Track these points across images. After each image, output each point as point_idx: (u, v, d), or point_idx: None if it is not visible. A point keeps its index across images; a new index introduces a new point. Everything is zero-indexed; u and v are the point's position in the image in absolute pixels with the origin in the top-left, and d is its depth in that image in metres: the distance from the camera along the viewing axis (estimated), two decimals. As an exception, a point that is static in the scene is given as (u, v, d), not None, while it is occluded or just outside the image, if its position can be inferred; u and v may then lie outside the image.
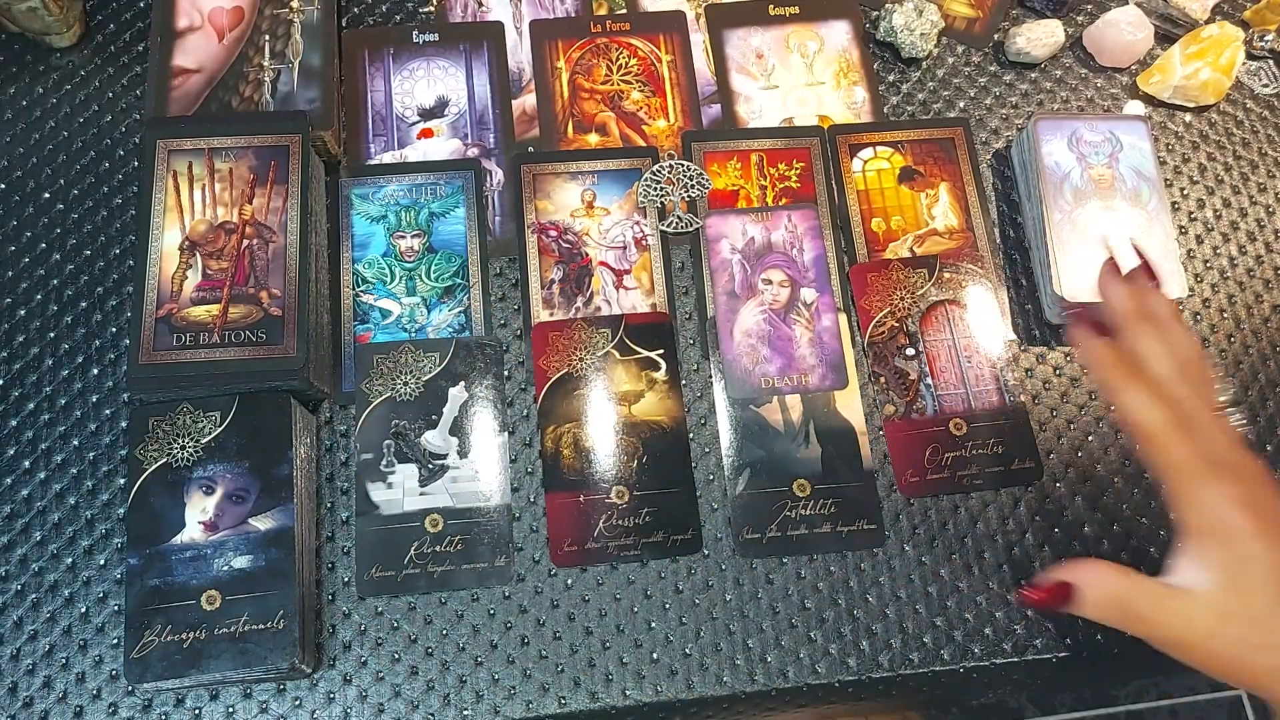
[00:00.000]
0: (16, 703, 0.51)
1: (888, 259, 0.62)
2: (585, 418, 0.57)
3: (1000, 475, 0.57)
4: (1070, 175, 0.63)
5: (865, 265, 0.62)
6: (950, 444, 0.58)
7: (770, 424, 0.58)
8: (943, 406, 0.59)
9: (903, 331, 0.60)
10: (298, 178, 0.57)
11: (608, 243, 0.62)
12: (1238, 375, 0.62)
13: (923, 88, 0.69)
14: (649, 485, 0.56)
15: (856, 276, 0.61)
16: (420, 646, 0.53)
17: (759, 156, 0.65)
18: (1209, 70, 0.67)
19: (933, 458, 0.57)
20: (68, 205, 0.61)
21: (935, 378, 0.59)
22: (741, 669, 0.53)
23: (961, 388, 0.59)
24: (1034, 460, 0.58)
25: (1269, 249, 0.65)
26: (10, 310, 0.59)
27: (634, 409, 0.57)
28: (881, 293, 0.61)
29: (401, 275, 0.60)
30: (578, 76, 0.67)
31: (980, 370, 0.59)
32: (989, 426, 0.58)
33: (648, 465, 0.56)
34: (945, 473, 0.57)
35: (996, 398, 0.59)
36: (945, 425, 0.58)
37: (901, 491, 0.57)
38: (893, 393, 0.59)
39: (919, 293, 0.61)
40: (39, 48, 0.65)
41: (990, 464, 0.57)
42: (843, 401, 0.58)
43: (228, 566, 0.51)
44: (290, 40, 0.64)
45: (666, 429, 0.57)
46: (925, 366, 0.59)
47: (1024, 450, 0.58)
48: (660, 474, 0.56)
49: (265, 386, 0.54)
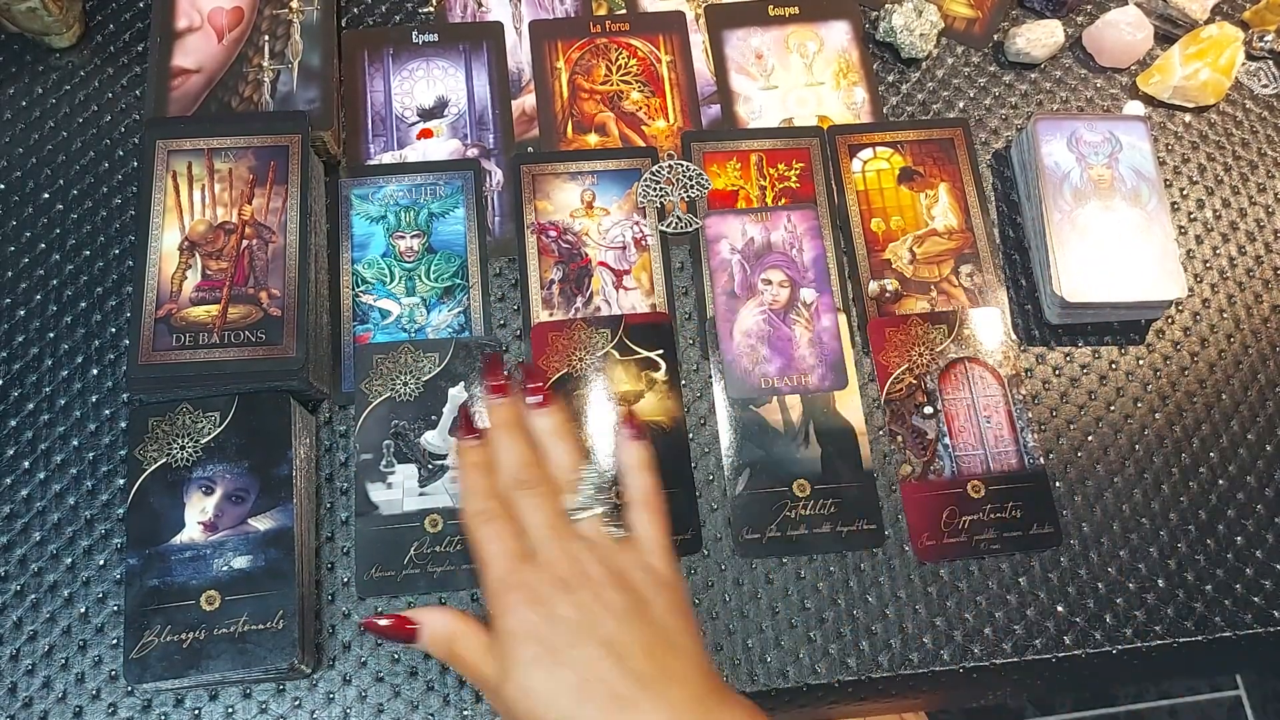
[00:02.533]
0: (16, 703, 0.51)
1: (906, 314, 0.61)
2: (585, 418, 0.57)
3: (1018, 540, 0.56)
4: (1070, 175, 0.63)
5: (883, 320, 0.60)
6: (968, 506, 0.57)
7: (770, 424, 0.58)
8: (961, 468, 0.57)
9: (920, 389, 0.59)
10: (297, 178, 0.57)
11: (607, 243, 0.62)
12: (1237, 375, 0.62)
13: (922, 88, 0.69)
14: (649, 485, 0.56)
15: (874, 331, 0.60)
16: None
17: (758, 157, 0.65)
18: (1208, 70, 0.67)
19: (950, 520, 0.56)
20: (67, 205, 0.61)
21: (954, 438, 0.58)
22: (741, 669, 0.53)
23: (980, 449, 0.58)
24: (1053, 525, 0.57)
25: (1268, 249, 0.65)
26: (10, 310, 0.59)
27: (634, 409, 0.57)
28: (900, 348, 0.60)
29: (401, 275, 0.60)
30: (577, 77, 0.67)
31: (1000, 431, 0.58)
32: (1007, 490, 0.57)
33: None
34: (962, 536, 0.56)
35: (1015, 460, 0.58)
36: (963, 487, 0.57)
37: (917, 556, 0.56)
38: (910, 452, 0.58)
39: (938, 349, 0.60)
40: (39, 48, 0.65)
41: (1008, 528, 0.56)
42: (842, 402, 0.58)
43: (227, 567, 0.50)
44: (290, 40, 0.64)
45: (666, 429, 0.57)
46: (944, 426, 0.58)
47: (1043, 514, 0.57)
48: (660, 474, 0.56)
49: (265, 387, 0.54)
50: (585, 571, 0.45)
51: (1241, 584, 0.56)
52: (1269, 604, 0.56)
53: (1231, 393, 0.61)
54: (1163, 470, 0.59)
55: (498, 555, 0.45)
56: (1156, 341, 0.62)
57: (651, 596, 0.45)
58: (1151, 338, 0.62)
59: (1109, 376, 0.61)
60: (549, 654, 0.42)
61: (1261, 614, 0.56)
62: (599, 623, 0.43)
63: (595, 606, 0.43)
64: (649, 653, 0.43)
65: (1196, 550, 0.57)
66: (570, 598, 0.43)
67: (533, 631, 0.43)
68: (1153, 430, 0.60)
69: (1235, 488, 0.59)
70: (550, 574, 0.44)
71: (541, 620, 0.43)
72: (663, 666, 0.43)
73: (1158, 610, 0.56)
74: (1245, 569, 0.57)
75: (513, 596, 0.44)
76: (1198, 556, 0.57)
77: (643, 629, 0.44)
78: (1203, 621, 0.56)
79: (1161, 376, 0.61)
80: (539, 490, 0.47)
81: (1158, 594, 0.56)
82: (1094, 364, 0.62)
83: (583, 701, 0.41)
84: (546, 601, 0.43)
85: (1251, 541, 0.58)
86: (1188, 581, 0.56)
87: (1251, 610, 0.56)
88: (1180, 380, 0.61)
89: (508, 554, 0.45)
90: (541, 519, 0.46)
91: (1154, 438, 0.60)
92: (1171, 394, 0.61)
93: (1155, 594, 0.56)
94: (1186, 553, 0.57)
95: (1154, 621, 0.56)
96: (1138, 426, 0.60)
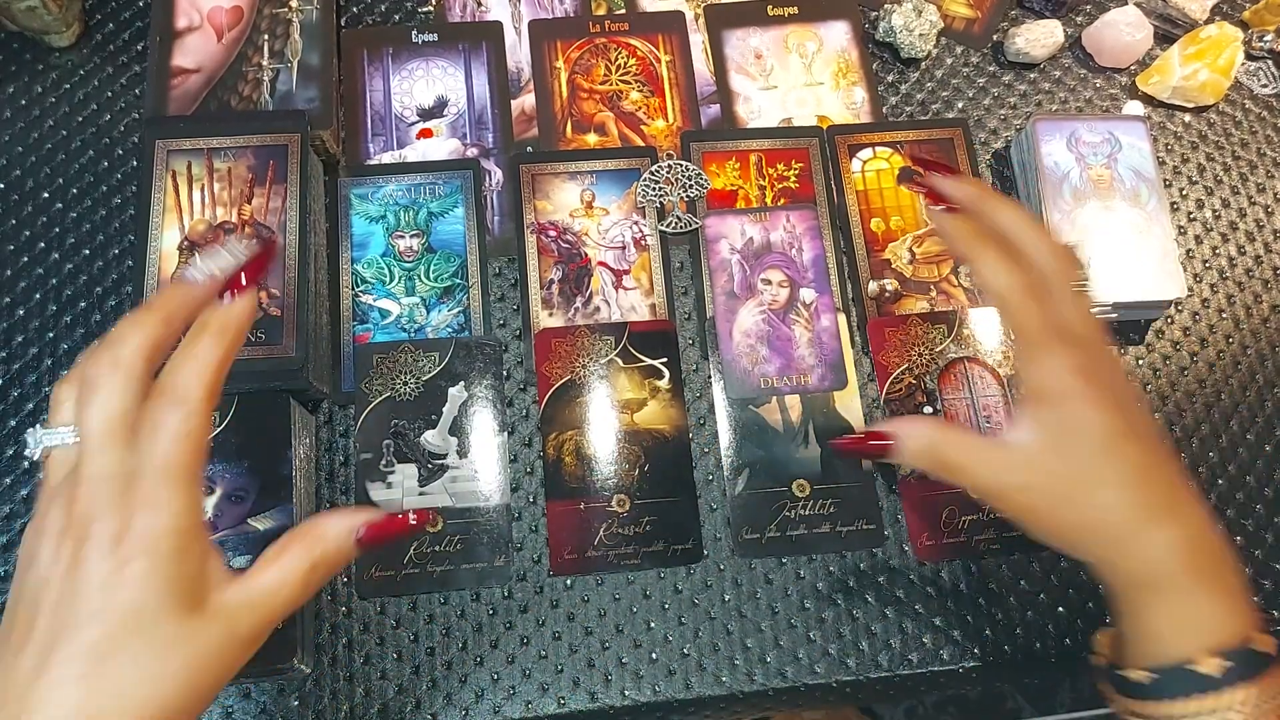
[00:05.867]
0: (15, 703, 0.51)
1: (906, 314, 0.61)
2: (587, 425, 0.57)
3: (1018, 540, 0.56)
4: (1069, 175, 0.63)
5: (883, 320, 0.60)
6: (968, 507, 0.56)
7: (769, 424, 0.58)
8: None
9: (920, 389, 0.59)
10: (296, 177, 0.57)
11: (607, 243, 0.62)
12: (1237, 375, 0.62)
13: (922, 88, 0.69)
14: (650, 494, 0.56)
15: (874, 331, 0.60)
16: (421, 646, 0.53)
17: (758, 157, 0.65)
18: (1208, 71, 0.67)
19: (949, 521, 0.56)
20: (67, 205, 0.61)
21: None
22: (740, 669, 0.53)
23: None
24: None
25: (1268, 249, 0.65)
26: (9, 310, 0.59)
27: (636, 417, 0.57)
28: (899, 348, 0.60)
29: (401, 275, 0.60)
30: (576, 76, 0.67)
31: (999, 430, 0.58)
32: None
33: (649, 474, 0.56)
34: (962, 537, 0.56)
35: None
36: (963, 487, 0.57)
37: (917, 556, 0.56)
38: None
39: (938, 349, 0.60)
40: (38, 47, 0.65)
41: (1008, 529, 0.56)
42: (842, 402, 0.58)
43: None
44: (289, 40, 0.64)
45: (669, 438, 0.57)
46: None
47: None
48: (662, 483, 0.56)
49: (264, 386, 0.54)
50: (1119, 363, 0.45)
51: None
52: (1269, 604, 0.56)
53: (1231, 393, 0.61)
54: (1162, 470, 0.59)
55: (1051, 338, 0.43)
56: (1156, 341, 0.62)
57: None
58: (1151, 338, 0.62)
59: (1108, 376, 0.61)
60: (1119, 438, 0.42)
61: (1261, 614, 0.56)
62: (1145, 416, 0.44)
63: (1134, 400, 0.44)
64: (1175, 461, 0.44)
65: (1195, 550, 0.57)
66: (1123, 390, 0.43)
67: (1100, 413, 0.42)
68: (1152, 430, 0.60)
69: (1235, 488, 0.59)
70: (1100, 362, 0.43)
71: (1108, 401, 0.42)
72: (1184, 477, 0.43)
73: (1157, 610, 0.56)
74: (1245, 569, 0.57)
75: (1075, 380, 0.42)
76: (1197, 556, 0.57)
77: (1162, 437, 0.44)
78: (1202, 621, 0.56)
79: (1161, 376, 0.61)
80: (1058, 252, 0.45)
81: (1157, 594, 0.56)
82: (1093, 364, 0.62)
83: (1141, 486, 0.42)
84: (1106, 388, 0.42)
85: (1251, 541, 0.58)
86: (1187, 581, 0.56)
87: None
88: (1180, 380, 0.61)
89: (1058, 335, 0.43)
90: (1081, 303, 0.44)
91: (1153, 438, 0.60)
92: (1171, 394, 0.61)
93: (1154, 594, 0.56)
94: (1185, 553, 0.57)
95: (1153, 621, 0.56)
96: (1137, 426, 0.60)
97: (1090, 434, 0.42)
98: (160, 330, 0.37)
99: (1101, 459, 0.42)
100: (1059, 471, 0.42)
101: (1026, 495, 0.43)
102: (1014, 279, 0.44)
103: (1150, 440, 0.43)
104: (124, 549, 0.34)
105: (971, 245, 0.45)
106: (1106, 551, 0.43)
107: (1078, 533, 0.43)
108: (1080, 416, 0.42)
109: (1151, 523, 0.41)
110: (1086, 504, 0.42)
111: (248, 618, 0.36)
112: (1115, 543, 0.42)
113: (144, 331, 0.37)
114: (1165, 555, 0.41)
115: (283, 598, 0.37)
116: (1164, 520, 0.41)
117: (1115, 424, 0.42)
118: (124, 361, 0.36)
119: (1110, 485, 0.42)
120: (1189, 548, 0.41)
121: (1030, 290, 0.44)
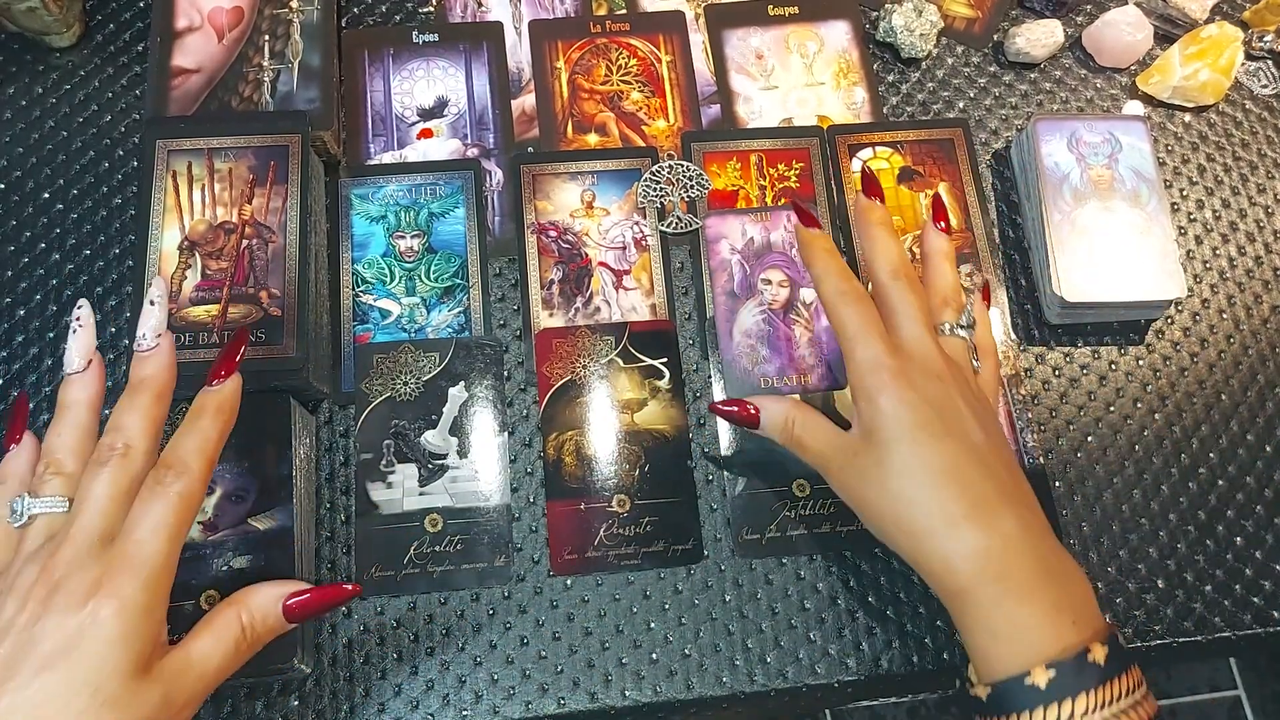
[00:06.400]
0: (16, 703, 0.51)
1: None
2: (588, 425, 0.57)
3: None
4: (1069, 176, 0.63)
5: None
6: None
7: (770, 424, 0.58)
8: None
9: None
10: (297, 178, 0.57)
11: (607, 243, 0.62)
12: (1237, 376, 0.62)
13: (922, 88, 0.69)
14: (650, 494, 0.56)
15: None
16: (421, 646, 0.53)
17: (758, 157, 0.65)
18: (1208, 71, 0.67)
19: None
20: (67, 205, 0.61)
21: None
22: (740, 669, 0.53)
23: None
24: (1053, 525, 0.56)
25: (1268, 249, 0.65)
26: (10, 310, 0.59)
27: (636, 417, 0.57)
28: None
29: (401, 275, 0.60)
30: (577, 77, 0.67)
31: None
32: None
33: (649, 474, 0.56)
34: None
35: None
36: None
37: None
38: None
39: None
40: (38, 47, 0.65)
41: None
42: (842, 401, 0.58)
43: (227, 567, 0.51)
44: (290, 40, 0.64)
45: (669, 438, 0.57)
46: None
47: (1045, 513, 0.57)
48: (662, 483, 0.56)
49: (265, 386, 0.54)
50: (955, 374, 0.46)
51: (1240, 584, 0.57)
52: (1268, 604, 0.56)
53: (1231, 393, 0.61)
54: (1162, 471, 0.59)
55: (869, 334, 0.46)
56: (1156, 342, 0.62)
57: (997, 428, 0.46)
58: (1151, 338, 0.62)
59: (1109, 377, 0.61)
60: (920, 434, 0.43)
61: (1260, 614, 0.56)
62: (967, 424, 0.44)
63: (965, 409, 0.45)
64: (1006, 467, 0.44)
65: (1195, 550, 0.57)
66: (943, 391, 0.44)
67: (906, 410, 0.44)
68: (1152, 430, 0.60)
69: (1234, 488, 0.59)
70: (923, 365, 0.45)
71: (917, 400, 0.44)
72: (1017, 484, 0.44)
73: (1157, 610, 0.56)
74: (1244, 569, 0.57)
75: (887, 375, 0.45)
76: (1197, 557, 0.57)
77: (1001, 447, 0.45)
78: (1202, 621, 0.56)
79: (1161, 377, 0.61)
80: (919, 287, 0.48)
81: (1157, 594, 0.56)
82: (1093, 364, 0.62)
83: (943, 488, 0.42)
84: (920, 388, 0.44)
85: (1250, 542, 0.58)
86: (1187, 582, 0.56)
87: (1250, 610, 0.56)
88: (1180, 380, 0.61)
89: (880, 335, 0.46)
90: (918, 314, 0.47)
91: (1153, 438, 0.60)
92: (1171, 394, 0.61)
93: (1154, 594, 0.56)
94: (1185, 553, 0.57)
95: (1153, 621, 0.56)
96: (1137, 427, 0.60)
97: (895, 431, 0.43)
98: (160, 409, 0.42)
99: (905, 457, 0.43)
100: (868, 464, 0.44)
101: (848, 480, 0.46)
102: (843, 284, 0.47)
103: (968, 447, 0.43)
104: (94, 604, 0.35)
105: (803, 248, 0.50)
106: (912, 552, 0.44)
107: (887, 528, 0.44)
108: (887, 413, 0.44)
109: (952, 528, 0.42)
110: (890, 498, 0.43)
111: (183, 684, 0.37)
112: (918, 544, 0.43)
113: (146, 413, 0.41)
114: (965, 563, 0.41)
115: (215, 664, 0.39)
116: (965, 527, 0.42)
117: (922, 423, 0.43)
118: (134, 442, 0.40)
119: (911, 484, 0.43)
120: (991, 557, 0.41)
121: (859, 296, 0.47)
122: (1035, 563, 0.42)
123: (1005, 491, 0.43)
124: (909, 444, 0.43)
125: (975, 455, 0.43)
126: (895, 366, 0.45)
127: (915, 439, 0.43)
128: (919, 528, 0.43)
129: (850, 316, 0.47)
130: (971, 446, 0.44)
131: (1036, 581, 0.41)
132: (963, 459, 0.43)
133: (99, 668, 0.35)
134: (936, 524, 0.42)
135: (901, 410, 0.44)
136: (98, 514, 0.38)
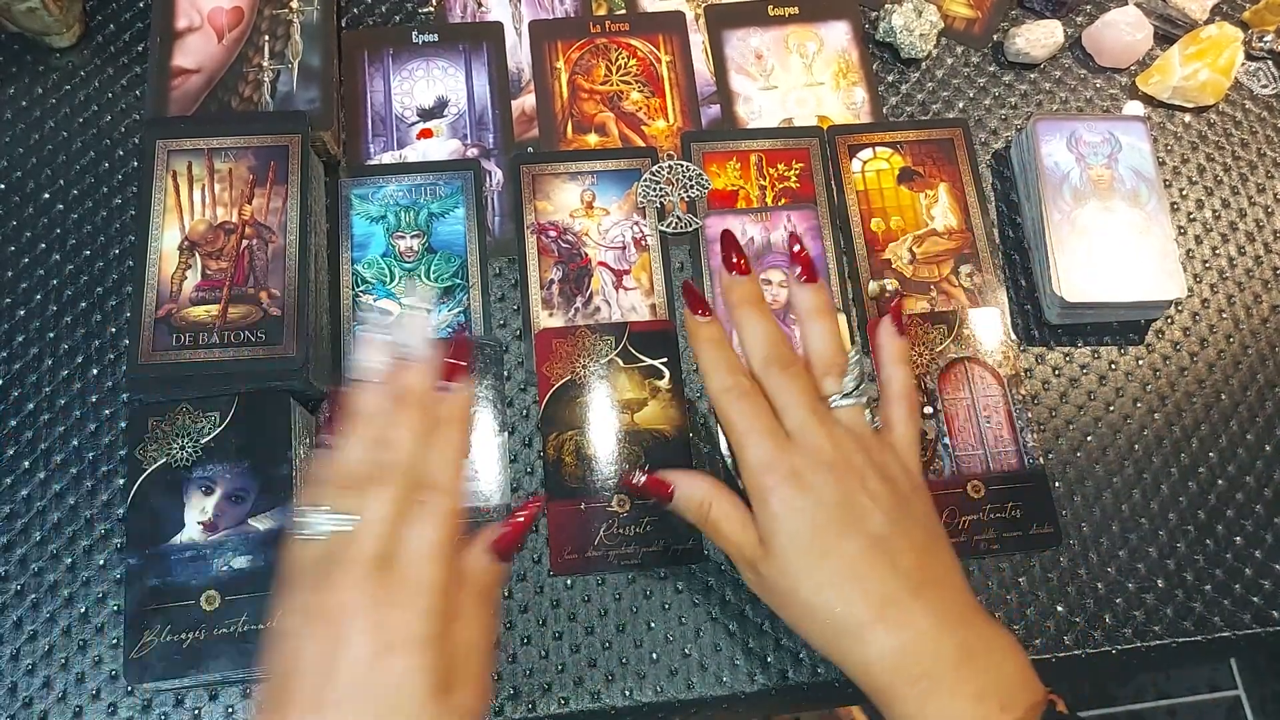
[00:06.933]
0: (16, 703, 0.51)
1: (906, 314, 0.60)
2: (588, 425, 0.57)
3: (1018, 540, 0.56)
4: (1069, 176, 0.63)
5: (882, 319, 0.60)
6: (967, 507, 0.56)
7: (770, 424, 0.58)
8: (960, 468, 0.57)
9: (920, 389, 0.59)
10: (297, 178, 0.57)
11: (607, 243, 0.62)
12: (1236, 375, 0.62)
13: (922, 88, 0.69)
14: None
15: (873, 330, 0.60)
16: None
17: (758, 157, 0.65)
18: (1208, 71, 0.67)
19: (949, 521, 0.56)
20: (67, 205, 0.61)
21: (953, 438, 0.58)
22: (741, 669, 0.53)
23: (980, 449, 0.58)
24: (1053, 525, 0.56)
25: (1268, 249, 0.66)
26: (10, 310, 0.59)
27: (636, 417, 0.57)
28: None
29: (401, 275, 0.60)
30: (577, 77, 0.67)
31: (999, 431, 0.58)
32: (1007, 490, 0.57)
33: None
34: (962, 537, 0.56)
35: (1015, 460, 0.57)
36: (963, 487, 0.57)
37: None
38: None
39: (938, 349, 0.60)
40: (39, 48, 0.65)
41: (1008, 528, 0.56)
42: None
43: (227, 566, 0.51)
44: (290, 40, 0.64)
45: (669, 437, 0.57)
46: (943, 426, 0.58)
47: (1043, 514, 0.56)
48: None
49: (265, 386, 0.54)
50: (849, 460, 0.43)
51: (1240, 584, 0.57)
52: (1268, 604, 0.56)
53: (1230, 393, 0.61)
54: (1162, 470, 0.59)
55: (756, 433, 0.43)
56: (1156, 341, 0.62)
57: (910, 495, 0.44)
58: (1151, 338, 0.62)
59: (1108, 377, 0.61)
60: (817, 540, 0.41)
61: (1260, 614, 0.56)
62: (867, 516, 0.42)
63: (862, 497, 0.42)
64: (917, 552, 0.42)
65: (1195, 550, 0.57)
66: (837, 485, 0.42)
67: (799, 516, 0.42)
68: (1152, 430, 0.60)
69: (1234, 488, 0.59)
70: (814, 458, 0.43)
71: (809, 505, 0.42)
72: (928, 569, 0.42)
73: (1157, 610, 0.56)
74: (1244, 569, 0.57)
75: (775, 478, 0.42)
76: (1196, 556, 0.57)
77: (909, 527, 0.43)
78: (1201, 621, 0.56)
79: (1161, 377, 0.62)
80: (795, 369, 0.45)
81: (1157, 594, 0.56)
82: (1093, 364, 0.62)
83: (848, 593, 0.41)
84: (813, 487, 0.42)
85: (1250, 541, 0.58)
86: (1186, 581, 0.56)
87: (1250, 610, 0.56)
88: (1179, 380, 0.62)
89: (768, 432, 0.43)
90: (800, 400, 0.44)
91: (1153, 438, 0.60)
92: (1171, 394, 0.61)
93: (1154, 594, 0.56)
94: (1185, 553, 0.57)
95: (1153, 621, 0.56)
96: (1137, 426, 0.60)
97: (790, 540, 0.42)
98: (423, 423, 0.40)
99: (804, 568, 0.42)
100: (773, 573, 0.43)
101: (758, 585, 0.44)
102: (729, 380, 0.45)
103: (870, 543, 0.41)
104: (386, 633, 0.35)
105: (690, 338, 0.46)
106: (832, 656, 0.42)
107: (803, 632, 0.43)
108: (781, 519, 0.42)
109: (862, 631, 0.41)
110: (799, 606, 0.42)
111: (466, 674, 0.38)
112: (832, 650, 0.42)
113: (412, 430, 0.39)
114: (881, 667, 0.40)
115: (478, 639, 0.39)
116: (875, 630, 0.40)
117: (817, 529, 0.42)
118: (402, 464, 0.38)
119: (814, 594, 0.41)
120: (906, 656, 0.40)
121: (743, 392, 0.44)
122: (955, 651, 0.40)
123: (914, 582, 0.41)
124: (805, 554, 0.42)
125: (878, 550, 0.41)
126: (785, 467, 0.42)
127: (810, 548, 0.42)
128: (829, 635, 0.41)
129: (737, 415, 0.44)
130: (874, 541, 0.42)
131: (959, 672, 0.40)
132: (864, 559, 0.41)
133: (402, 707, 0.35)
134: (846, 630, 0.41)
135: (794, 518, 0.42)
136: (375, 537, 0.37)
